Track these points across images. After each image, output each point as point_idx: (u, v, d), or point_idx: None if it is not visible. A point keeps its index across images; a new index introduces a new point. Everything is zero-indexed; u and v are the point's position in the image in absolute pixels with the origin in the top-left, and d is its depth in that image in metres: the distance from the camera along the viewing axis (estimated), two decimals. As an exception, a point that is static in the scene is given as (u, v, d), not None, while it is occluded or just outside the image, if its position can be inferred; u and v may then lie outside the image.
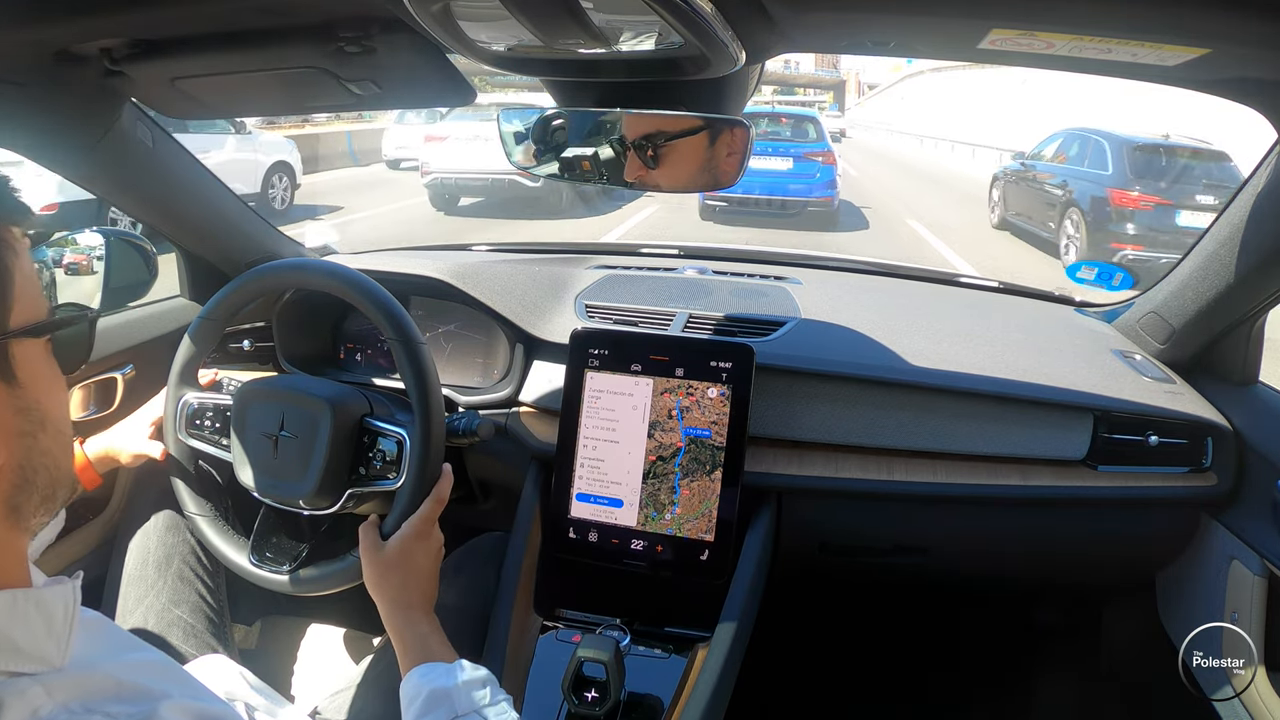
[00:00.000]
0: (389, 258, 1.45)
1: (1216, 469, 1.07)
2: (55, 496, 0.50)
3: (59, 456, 0.50)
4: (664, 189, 0.87)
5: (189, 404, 1.02)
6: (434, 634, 0.79)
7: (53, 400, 0.50)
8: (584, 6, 0.58)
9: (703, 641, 0.93)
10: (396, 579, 0.83)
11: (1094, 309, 1.42)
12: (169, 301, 1.31)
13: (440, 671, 0.74)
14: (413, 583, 0.83)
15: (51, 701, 0.43)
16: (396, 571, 0.83)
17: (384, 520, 0.95)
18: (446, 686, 0.72)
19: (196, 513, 1.02)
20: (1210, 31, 0.60)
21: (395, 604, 0.81)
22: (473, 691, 0.72)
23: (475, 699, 0.71)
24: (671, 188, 0.87)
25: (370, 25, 0.74)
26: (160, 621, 1.01)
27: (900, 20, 0.67)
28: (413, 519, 0.86)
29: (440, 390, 0.96)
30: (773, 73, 44.40)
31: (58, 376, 0.52)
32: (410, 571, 0.83)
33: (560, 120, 0.87)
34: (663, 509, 1.01)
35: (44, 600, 0.47)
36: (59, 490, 0.50)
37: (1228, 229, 0.99)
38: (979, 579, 1.37)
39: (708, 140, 0.81)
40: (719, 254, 1.66)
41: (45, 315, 0.50)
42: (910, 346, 1.13)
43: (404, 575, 0.83)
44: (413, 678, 0.74)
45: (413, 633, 0.79)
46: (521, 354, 1.20)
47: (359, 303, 0.96)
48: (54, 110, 0.91)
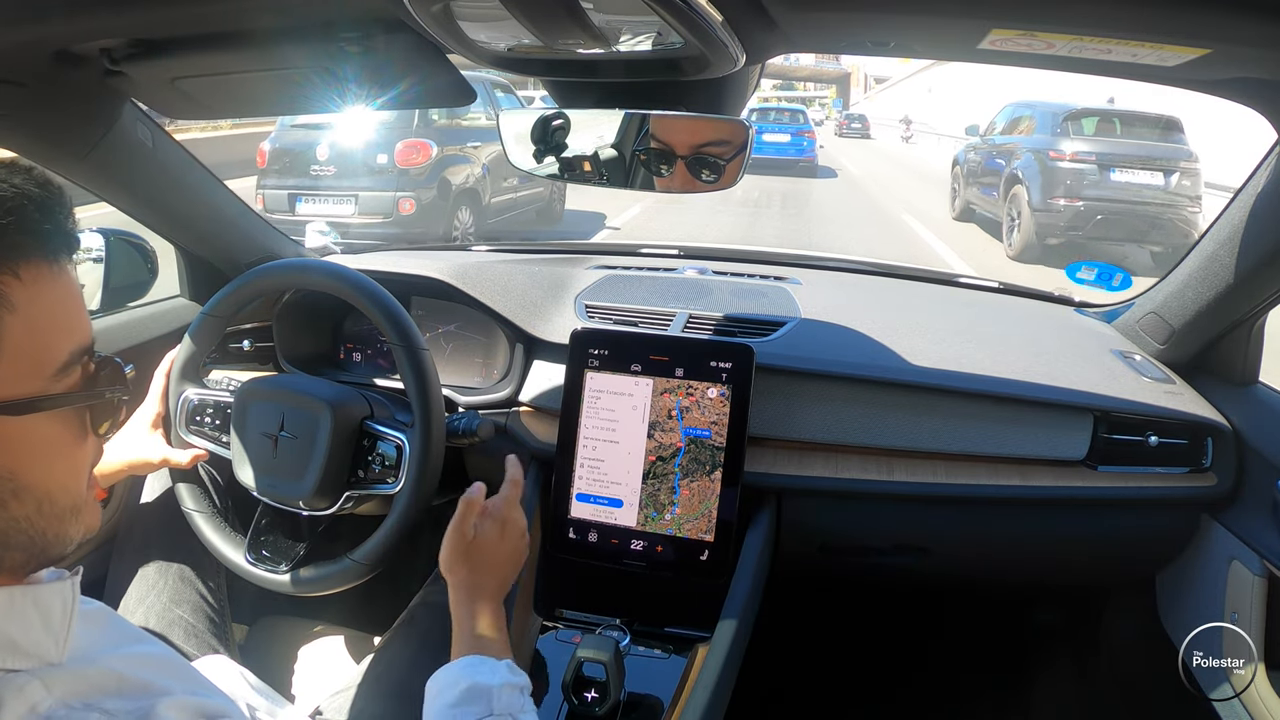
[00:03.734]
0: (389, 258, 1.45)
1: (1216, 469, 1.07)
2: (46, 555, 0.47)
3: (43, 527, 0.46)
4: (674, 190, 0.88)
5: (189, 400, 1.02)
6: (492, 626, 0.77)
7: (38, 471, 0.45)
8: (584, 6, 0.58)
9: (703, 641, 0.93)
10: (465, 565, 0.81)
11: (1094, 309, 1.42)
12: (169, 301, 1.31)
13: (486, 669, 0.72)
14: (482, 569, 0.80)
15: (50, 698, 0.43)
16: (467, 557, 0.81)
17: (380, 523, 0.95)
18: (489, 684, 0.70)
19: (194, 509, 1.02)
20: (1210, 31, 0.60)
21: (459, 588, 0.79)
22: (513, 696, 0.70)
23: (513, 703, 0.70)
24: (683, 189, 0.87)
25: (370, 25, 0.74)
26: (161, 621, 1.01)
27: (900, 20, 0.67)
28: (490, 502, 0.84)
29: (441, 394, 0.96)
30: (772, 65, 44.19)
31: (62, 443, 0.47)
32: (480, 558, 0.81)
33: (560, 120, 0.87)
34: (663, 509, 1.01)
35: (42, 597, 0.46)
36: (50, 550, 0.47)
37: (1228, 229, 0.99)
38: (979, 579, 1.37)
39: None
40: (719, 254, 1.66)
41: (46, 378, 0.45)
42: (910, 346, 1.13)
43: (473, 561, 0.81)
44: (455, 667, 0.73)
45: (469, 621, 0.77)
46: (521, 354, 1.20)
47: (360, 304, 0.96)
48: (54, 110, 0.91)
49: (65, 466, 0.48)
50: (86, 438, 0.49)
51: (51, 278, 0.45)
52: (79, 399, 0.47)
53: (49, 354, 0.45)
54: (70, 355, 0.46)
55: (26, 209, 0.44)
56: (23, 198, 0.44)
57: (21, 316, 0.43)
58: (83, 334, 0.48)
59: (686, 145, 0.82)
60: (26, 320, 0.44)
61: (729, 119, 0.82)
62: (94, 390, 0.49)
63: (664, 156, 0.83)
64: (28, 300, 0.44)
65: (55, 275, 0.45)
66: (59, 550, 0.48)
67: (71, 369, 0.47)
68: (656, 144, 0.83)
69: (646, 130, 0.83)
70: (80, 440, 0.48)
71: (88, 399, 0.48)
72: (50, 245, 0.45)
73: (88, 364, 0.49)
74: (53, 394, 0.45)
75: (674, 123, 0.82)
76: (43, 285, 0.44)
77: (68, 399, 0.46)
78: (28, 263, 0.44)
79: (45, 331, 0.45)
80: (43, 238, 0.45)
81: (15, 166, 0.45)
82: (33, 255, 0.44)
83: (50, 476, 0.46)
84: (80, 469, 0.49)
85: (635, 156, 0.84)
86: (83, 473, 0.49)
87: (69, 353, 0.46)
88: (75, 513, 0.49)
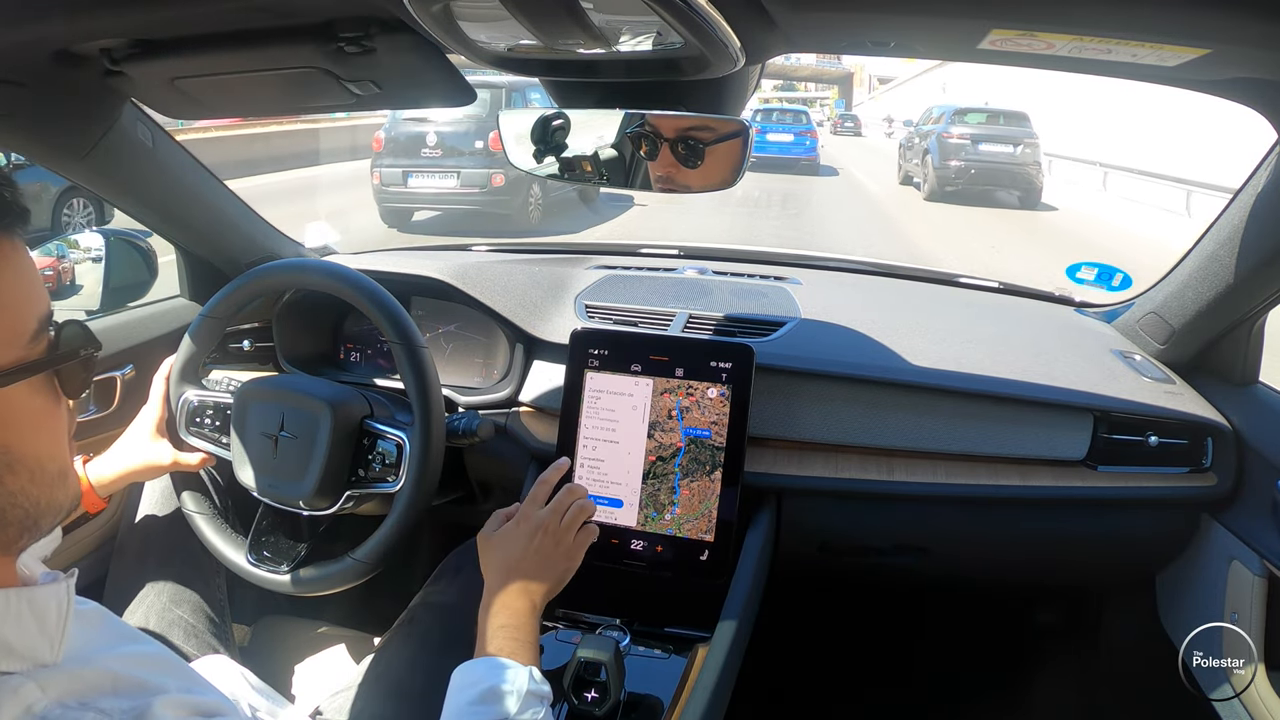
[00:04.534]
0: (389, 258, 1.45)
1: (1216, 469, 1.07)
2: (38, 526, 0.48)
3: (36, 495, 0.47)
4: (675, 190, 0.88)
5: (189, 402, 1.02)
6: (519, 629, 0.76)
7: (27, 441, 0.46)
8: (584, 6, 0.58)
9: (703, 641, 0.93)
10: (493, 564, 0.82)
11: (1094, 309, 1.42)
12: (169, 301, 1.31)
13: (508, 675, 0.71)
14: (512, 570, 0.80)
15: (46, 698, 0.43)
16: (493, 556, 0.82)
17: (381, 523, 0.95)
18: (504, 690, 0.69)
19: (195, 511, 1.02)
20: (1210, 31, 0.60)
21: (490, 590, 0.80)
22: (531, 706, 0.70)
23: (531, 712, 0.69)
24: (683, 188, 0.87)
25: (370, 25, 0.74)
26: (161, 621, 1.01)
27: (900, 20, 0.67)
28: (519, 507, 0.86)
29: (441, 394, 0.96)
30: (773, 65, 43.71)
31: (43, 411, 0.48)
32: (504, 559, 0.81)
33: (560, 120, 0.87)
34: (663, 509, 1.01)
35: (37, 599, 0.46)
36: (42, 521, 0.48)
37: (1228, 229, 0.99)
38: (979, 579, 1.37)
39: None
40: (719, 254, 1.66)
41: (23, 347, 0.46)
42: (910, 346, 1.13)
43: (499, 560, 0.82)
44: (477, 666, 0.72)
45: (495, 622, 0.76)
46: (521, 354, 1.20)
47: (359, 303, 0.96)
48: (54, 110, 0.91)
49: (48, 433, 0.49)
50: (60, 402, 0.50)
51: (12, 249, 0.46)
52: (60, 360, 0.48)
53: (21, 323, 0.46)
54: (39, 323, 0.47)
55: None
56: None
57: None
58: (44, 302, 0.49)
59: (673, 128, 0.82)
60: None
61: (729, 119, 0.82)
62: (69, 350, 0.50)
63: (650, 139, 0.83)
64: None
65: (15, 248, 0.46)
66: (51, 520, 0.49)
67: (41, 336, 0.48)
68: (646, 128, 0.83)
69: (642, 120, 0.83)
70: (56, 405, 0.49)
71: (67, 358, 0.49)
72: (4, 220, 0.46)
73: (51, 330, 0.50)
74: (33, 360, 0.47)
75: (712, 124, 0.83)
76: (4, 259, 0.45)
77: (49, 362, 0.48)
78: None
79: (13, 303, 0.46)
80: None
81: None
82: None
83: (39, 444, 0.48)
84: (61, 434, 0.50)
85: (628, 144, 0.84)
86: (64, 438, 0.51)
87: (37, 320, 0.47)
88: (63, 478, 0.50)
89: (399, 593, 1.11)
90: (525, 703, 0.69)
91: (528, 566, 0.81)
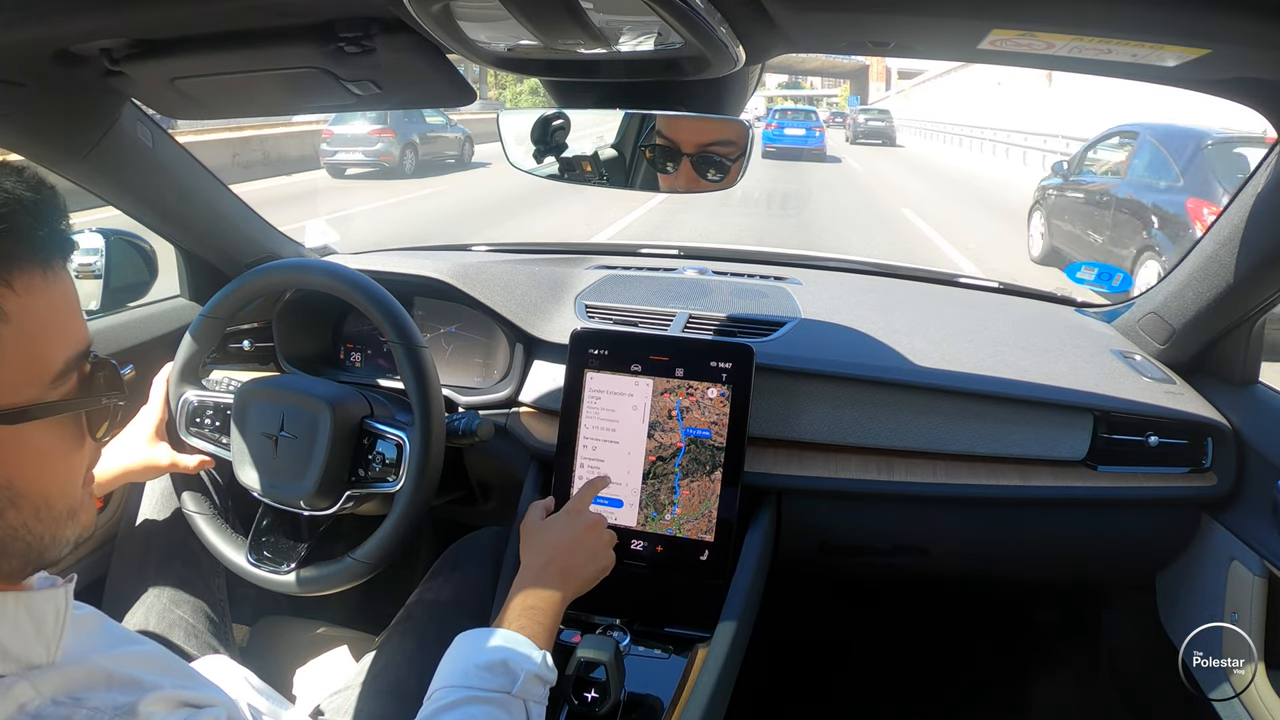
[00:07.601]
0: (389, 258, 1.45)
1: (1216, 469, 1.07)
2: (43, 559, 0.47)
3: (40, 532, 0.46)
4: (678, 190, 0.88)
5: (189, 402, 1.02)
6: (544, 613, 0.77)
7: (33, 478, 0.45)
8: (584, 6, 0.58)
9: (703, 641, 0.93)
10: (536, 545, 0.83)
11: (1094, 309, 1.42)
12: (169, 301, 1.31)
13: (524, 653, 0.71)
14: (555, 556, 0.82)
15: (39, 696, 0.43)
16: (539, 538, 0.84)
17: (381, 523, 0.95)
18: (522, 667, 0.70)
19: (195, 511, 1.02)
20: (1210, 31, 0.60)
21: (527, 568, 0.81)
22: (535, 690, 0.70)
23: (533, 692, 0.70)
24: (687, 189, 0.87)
25: (370, 25, 0.74)
26: (161, 621, 1.01)
27: (900, 20, 0.67)
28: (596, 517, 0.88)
29: (441, 394, 0.96)
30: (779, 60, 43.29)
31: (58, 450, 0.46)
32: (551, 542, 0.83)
33: (560, 120, 0.87)
34: (663, 509, 1.01)
35: (35, 604, 0.46)
36: (47, 554, 0.47)
37: (1228, 229, 0.99)
38: (979, 579, 1.37)
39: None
40: (719, 254, 1.66)
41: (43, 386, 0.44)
42: (910, 346, 1.13)
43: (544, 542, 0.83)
44: (494, 635, 0.72)
45: (524, 601, 0.77)
46: (521, 354, 1.20)
47: (359, 303, 0.96)
48: (54, 110, 0.91)
49: (63, 472, 0.47)
50: (84, 442, 0.48)
51: (45, 284, 0.44)
52: (75, 405, 0.47)
53: (45, 362, 0.44)
54: (66, 362, 0.45)
55: (19, 215, 0.42)
56: (15, 203, 0.43)
57: (15, 326, 0.42)
58: (79, 339, 0.47)
59: (693, 144, 0.83)
60: (21, 330, 0.42)
61: (729, 119, 0.82)
62: (91, 396, 0.48)
63: (669, 154, 0.83)
64: (21, 309, 0.42)
65: (50, 281, 0.44)
66: (55, 553, 0.48)
67: (68, 375, 0.46)
68: (662, 140, 0.84)
69: (653, 127, 0.83)
70: (78, 445, 0.48)
71: (84, 405, 0.47)
72: (44, 251, 0.44)
73: (84, 368, 0.48)
74: (49, 401, 0.45)
75: (681, 121, 0.83)
76: (36, 293, 0.43)
77: (64, 406, 0.46)
78: (21, 271, 0.43)
79: (40, 340, 0.44)
80: (36, 244, 0.43)
81: (6, 168, 0.44)
82: (26, 263, 0.43)
83: (48, 482, 0.46)
84: (77, 473, 0.49)
85: (640, 154, 0.85)
86: (79, 476, 0.49)
87: (65, 359, 0.45)
88: (72, 515, 0.48)
89: (399, 593, 1.11)
90: (530, 684, 0.70)
91: (571, 556, 0.82)
